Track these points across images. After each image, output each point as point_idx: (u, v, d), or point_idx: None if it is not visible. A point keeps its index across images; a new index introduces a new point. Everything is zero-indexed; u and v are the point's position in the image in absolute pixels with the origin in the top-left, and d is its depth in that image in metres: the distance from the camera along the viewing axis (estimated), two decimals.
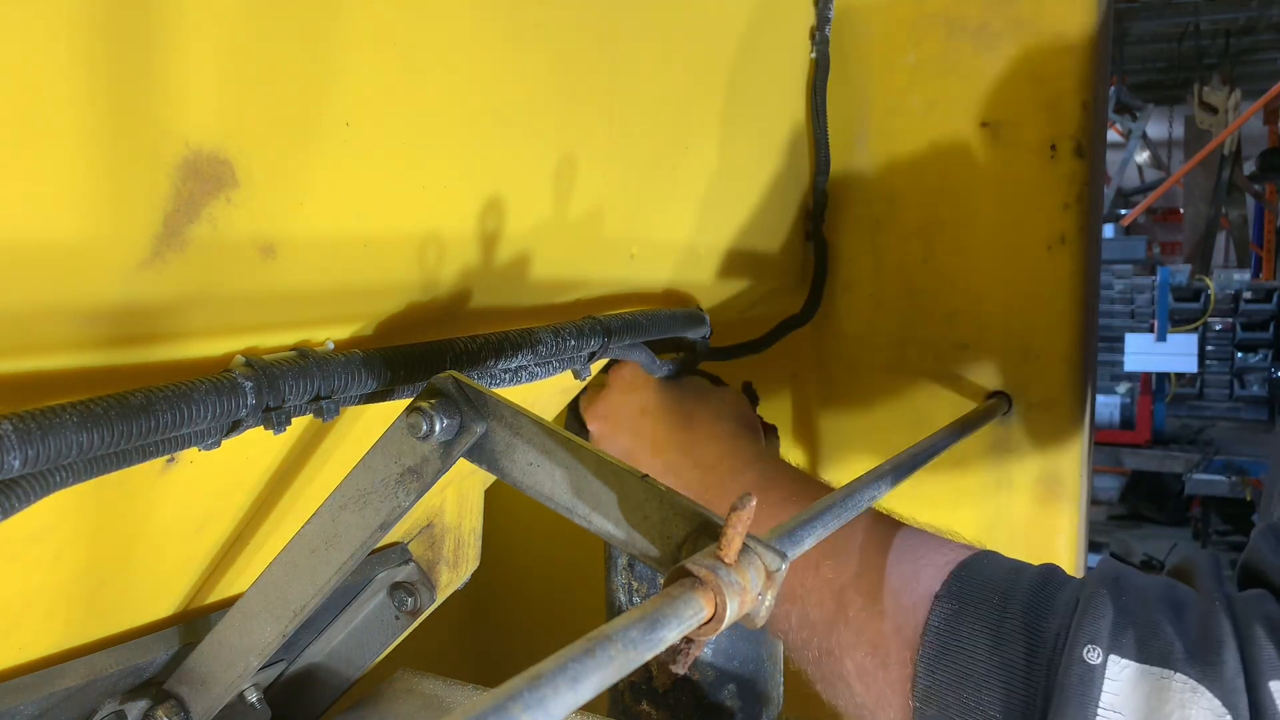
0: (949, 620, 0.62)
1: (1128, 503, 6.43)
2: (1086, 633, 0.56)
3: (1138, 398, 5.23)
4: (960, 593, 0.62)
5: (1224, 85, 7.00)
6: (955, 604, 0.62)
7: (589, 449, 0.52)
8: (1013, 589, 0.62)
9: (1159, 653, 0.54)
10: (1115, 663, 0.54)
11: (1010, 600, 0.61)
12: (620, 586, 0.98)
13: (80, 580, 0.58)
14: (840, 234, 1.20)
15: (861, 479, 0.73)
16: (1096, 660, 0.55)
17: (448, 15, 0.56)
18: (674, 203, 0.88)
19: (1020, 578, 0.63)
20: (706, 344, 0.93)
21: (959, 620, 0.61)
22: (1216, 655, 0.53)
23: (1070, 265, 1.10)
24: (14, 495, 0.40)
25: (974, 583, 0.63)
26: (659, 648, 0.38)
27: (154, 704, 0.68)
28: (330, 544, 0.58)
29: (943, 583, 0.64)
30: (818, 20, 1.11)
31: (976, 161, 1.13)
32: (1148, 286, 5.14)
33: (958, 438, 0.95)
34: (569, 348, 0.70)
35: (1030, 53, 1.09)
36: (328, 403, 0.52)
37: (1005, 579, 0.63)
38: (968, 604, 0.62)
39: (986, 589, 0.62)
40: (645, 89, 0.79)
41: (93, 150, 0.40)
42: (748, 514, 0.43)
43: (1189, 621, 0.56)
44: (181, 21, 0.42)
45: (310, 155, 0.50)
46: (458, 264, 0.62)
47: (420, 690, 0.94)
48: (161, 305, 0.45)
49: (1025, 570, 0.64)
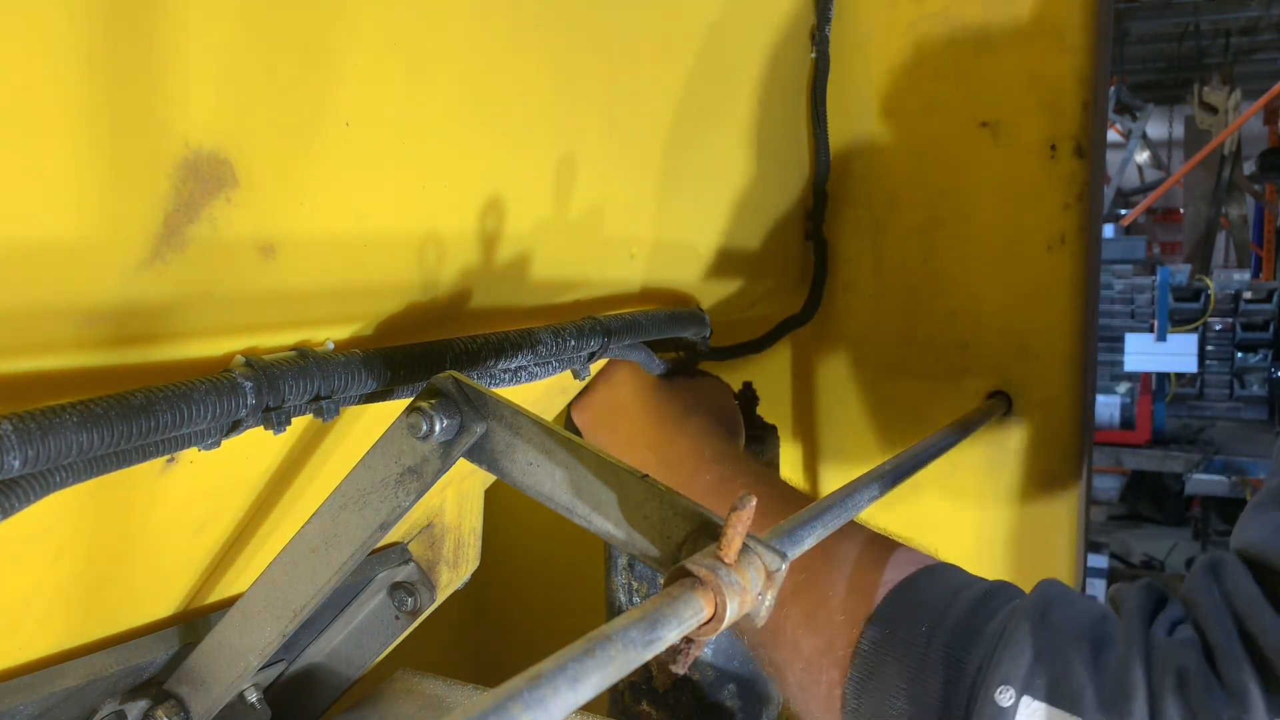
0: (876, 646, 0.61)
1: (1128, 503, 6.43)
2: (1002, 671, 0.55)
3: (1138, 398, 5.23)
4: (891, 616, 0.62)
5: (1224, 85, 7.00)
6: (885, 628, 0.61)
7: (589, 449, 0.52)
8: (943, 615, 0.60)
9: (1070, 697, 0.53)
10: (1027, 704, 0.54)
11: (938, 628, 0.60)
12: (620, 586, 0.98)
13: (80, 580, 0.58)
14: (840, 234, 1.20)
15: (861, 479, 0.73)
16: (1008, 702, 0.54)
17: (448, 15, 0.56)
18: (674, 203, 0.88)
19: (956, 602, 0.61)
20: (707, 344, 0.93)
21: (886, 647, 0.61)
22: (1126, 704, 0.52)
23: (1070, 265, 1.10)
24: (14, 495, 0.40)
25: (908, 605, 0.62)
26: (659, 648, 0.38)
27: (154, 704, 0.68)
28: (330, 544, 0.58)
29: (878, 604, 0.63)
30: (818, 20, 1.11)
31: (976, 161, 1.12)
32: (1148, 286, 5.14)
33: (958, 438, 0.95)
34: (569, 348, 0.70)
35: (1030, 53, 1.09)
36: (328, 403, 0.52)
37: (940, 602, 0.62)
38: (897, 628, 0.61)
39: (918, 612, 0.61)
40: (645, 89, 0.79)
41: (93, 150, 0.40)
42: (748, 514, 0.43)
43: (1106, 665, 0.55)
44: (181, 21, 0.42)
45: (310, 155, 0.50)
46: (458, 264, 0.62)
47: (420, 690, 0.94)
48: (161, 305, 0.45)
49: (964, 592, 0.63)
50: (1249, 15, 7.01)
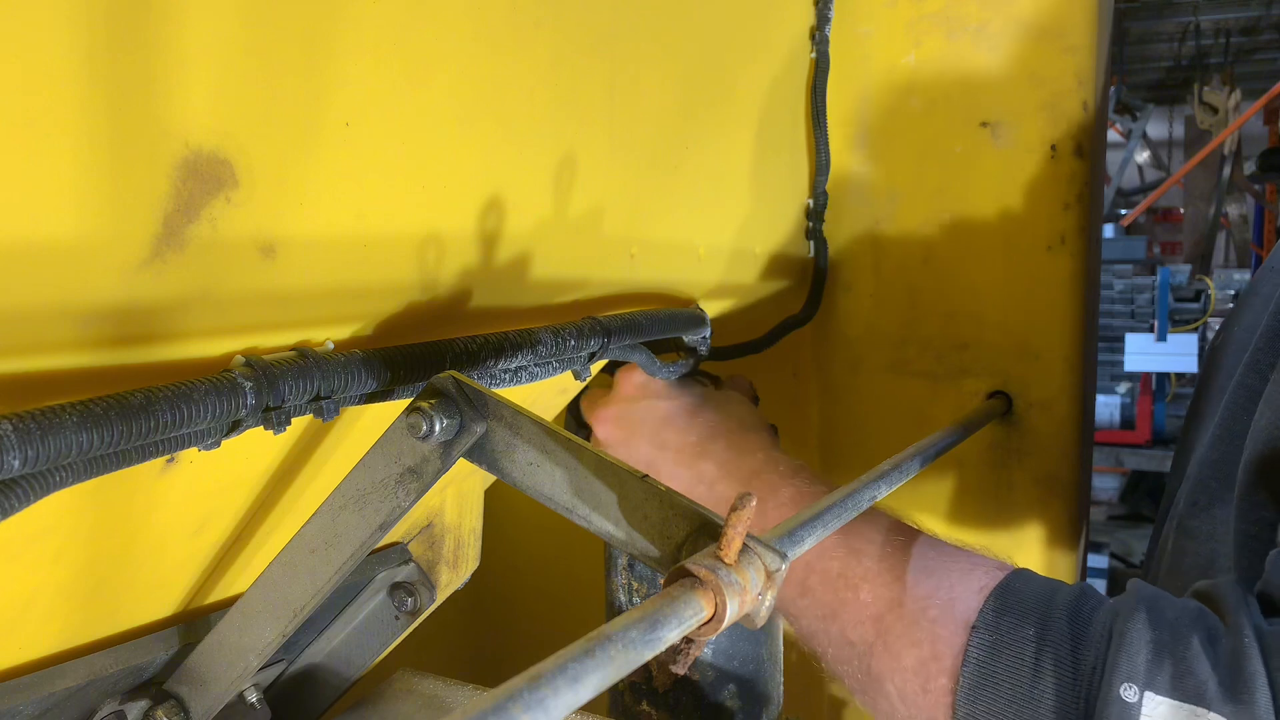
0: (986, 653, 0.62)
1: (1128, 503, 6.42)
2: (1124, 669, 0.57)
3: (1138, 398, 5.22)
4: (997, 624, 0.63)
5: (1224, 85, 6.99)
6: (992, 635, 0.63)
7: (589, 449, 0.52)
8: (1047, 618, 0.62)
9: (1193, 690, 0.55)
10: (1150, 699, 0.55)
11: (1046, 631, 0.61)
12: (620, 586, 0.98)
13: (80, 580, 0.58)
14: (840, 234, 1.20)
15: (861, 479, 0.73)
16: (1133, 698, 0.55)
17: (448, 15, 0.56)
18: (674, 203, 0.88)
19: (1055, 604, 0.63)
20: (707, 344, 0.93)
21: (996, 653, 0.62)
22: (1249, 694, 0.53)
23: (1070, 265, 1.10)
24: (14, 495, 0.40)
25: (1010, 612, 0.64)
26: (659, 648, 0.38)
27: (154, 704, 0.68)
28: (330, 544, 0.58)
29: (978, 611, 0.64)
30: (818, 20, 1.11)
31: (976, 161, 1.13)
32: (1148, 286, 5.13)
33: (958, 438, 0.95)
34: (569, 348, 0.70)
35: (1030, 53, 1.09)
36: (328, 403, 0.52)
37: (1040, 605, 0.63)
38: (1003, 634, 0.63)
39: (1022, 618, 0.63)
40: (645, 89, 0.79)
41: (92, 150, 0.40)
42: (748, 514, 0.43)
43: (1221, 656, 0.56)
44: (181, 21, 0.42)
45: (310, 155, 0.50)
46: (458, 264, 0.62)
47: (420, 690, 0.94)
48: (161, 305, 0.45)
49: (1058, 595, 0.64)
50: (1249, 15, 7.00)
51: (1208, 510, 0.82)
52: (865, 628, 0.69)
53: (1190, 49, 7.58)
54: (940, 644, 0.65)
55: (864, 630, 0.69)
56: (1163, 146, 9.55)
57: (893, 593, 0.69)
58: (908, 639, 0.67)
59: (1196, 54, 7.52)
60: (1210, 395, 0.90)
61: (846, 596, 0.71)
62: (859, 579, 0.71)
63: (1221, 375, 0.88)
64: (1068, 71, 1.07)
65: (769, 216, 1.08)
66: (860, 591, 0.70)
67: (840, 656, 0.72)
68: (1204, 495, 0.83)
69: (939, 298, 1.17)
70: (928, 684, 0.65)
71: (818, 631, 0.73)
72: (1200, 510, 0.83)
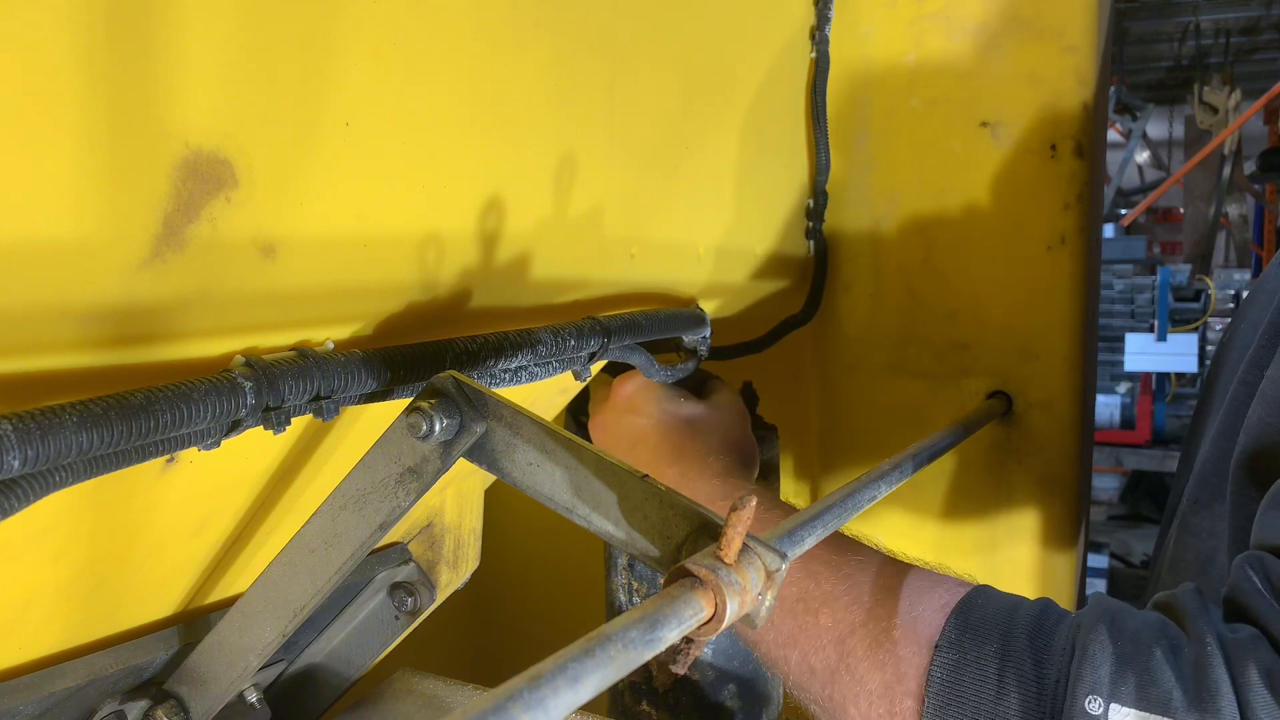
0: (950, 672, 0.62)
1: (1128, 503, 6.42)
2: (1088, 681, 0.56)
3: (1138, 398, 5.22)
4: (960, 642, 0.63)
5: (1224, 85, 6.99)
6: (956, 653, 0.62)
7: (589, 449, 0.52)
8: (1010, 634, 0.62)
9: (1159, 700, 0.54)
10: (1116, 711, 0.55)
11: (1009, 647, 0.61)
12: (620, 586, 0.98)
13: (80, 580, 0.58)
14: (840, 234, 1.20)
15: (861, 479, 0.73)
16: (1098, 710, 0.55)
17: (448, 15, 0.56)
18: (674, 203, 0.88)
19: (1016, 620, 0.63)
20: (707, 344, 0.93)
21: (960, 672, 0.62)
22: (1214, 702, 0.53)
23: (1070, 265, 1.10)
24: (14, 495, 0.40)
25: (972, 629, 0.63)
26: (659, 648, 0.38)
27: (154, 704, 0.68)
28: (330, 544, 0.58)
29: (940, 630, 0.64)
30: (818, 20, 1.11)
31: (976, 161, 1.13)
32: (1148, 286, 5.13)
33: (958, 438, 0.95)
34: (569, 348, 0.70)
35: (1030, 53, 1.09)
36: (327, 403, 0.52)
37: (1001, 622, 0.63)
38: (967, 652, 0.62)
39: (985, 635, 0.63)
40: (645, 89, 0.79)
41: (92, 150, 0.40)
42: (748, 514, 0.43)
43: (1184, 666, 0.56)
44: (181, 21, 0.42)
45: (310, 155, 0.50)
46: (458, 264, 0.62)
47: (420, 690, 0.94)
48: (161, 305, 0.45)
49: (1020, 610, 0.64)
50: (1249, 15, 7.00)
51: (1208, 507, 0.82)
52: (827, 652, 0.68)
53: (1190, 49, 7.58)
54: (904, 665, 0.64)
55: (826, 655, 0.68)
56: (1163, 146, 9.55)
57: (853, 615, 0.68)
58: (871, 661, 0.66)
59: (1196, 54, 7.51)
60: (1215, 392, 0.90)
61: (806, 622, 0.69)
62: (818, 603, 0.69)
63: (1226, 372, 0.88)
64: (1067, 71, 1.07)
65: (769, 216, 1.08)
66: (820, 616, 0.69)
67: (802, 683, 0.70)
68: (1205, 492, 0.83)
69: (939, 298, 1.17)
70: (894, 706, 0.64)
71: (778, 659, 0.71)
72: (1201, 507, 0.83)
